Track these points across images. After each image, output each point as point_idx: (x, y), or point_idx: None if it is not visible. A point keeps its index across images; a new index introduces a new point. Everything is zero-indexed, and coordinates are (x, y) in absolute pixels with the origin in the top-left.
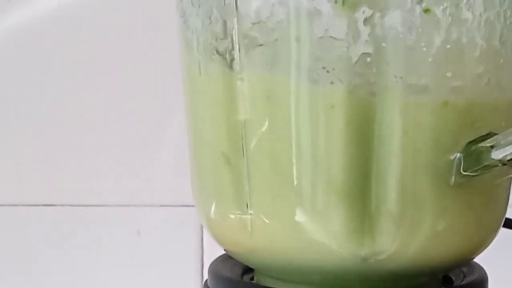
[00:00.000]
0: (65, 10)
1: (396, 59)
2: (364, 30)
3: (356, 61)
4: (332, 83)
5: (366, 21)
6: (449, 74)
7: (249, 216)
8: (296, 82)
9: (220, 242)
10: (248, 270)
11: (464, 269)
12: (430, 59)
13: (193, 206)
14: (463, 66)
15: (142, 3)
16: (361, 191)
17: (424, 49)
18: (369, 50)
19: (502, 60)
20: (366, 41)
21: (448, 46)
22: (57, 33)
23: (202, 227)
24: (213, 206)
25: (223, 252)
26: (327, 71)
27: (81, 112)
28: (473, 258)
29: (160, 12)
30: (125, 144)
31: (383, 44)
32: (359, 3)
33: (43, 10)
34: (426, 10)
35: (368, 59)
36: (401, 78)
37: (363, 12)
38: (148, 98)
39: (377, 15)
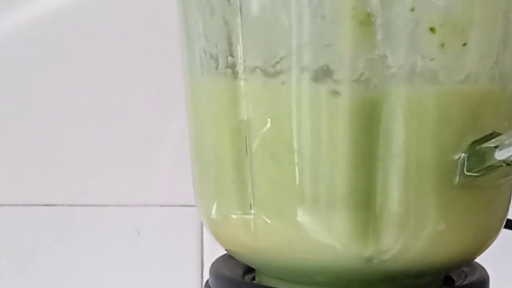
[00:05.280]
0: (65, 10)
1: (401, 49)
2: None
3: (360, 57)
4: (335, 81)
5: (373, 23)
6: (452, 69)
7: (251, 216)
8: (299, 81)
9: (221, 242)
10: (249, 270)
11: (466, 269)
12: (435, 51)
13: (193, 206)
14: (467, 60)
15: (143, 3)
16: (365, 192)
17: (429, 40)
18: (374, 44)
19: (504, 57)
20: (372, 35)
21: (451, 23)
22: (57, 33)
23: (202, 227)
24: (215, 206)
25: (223, 252)
26: (330, 70)
27: (81, 112)
28: (475, 258)
29: (161, 11)
30: (125, 144)
31: (388, 35)
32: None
33: (43, 10)
34: None
35: (372, 54)
36: (405, 71)
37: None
38: (148, 98)
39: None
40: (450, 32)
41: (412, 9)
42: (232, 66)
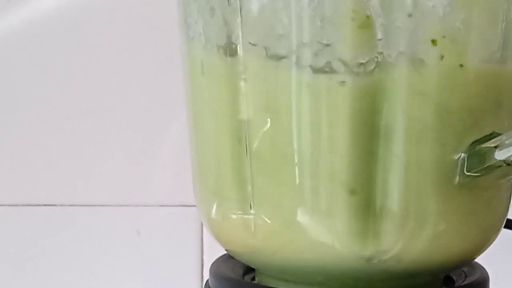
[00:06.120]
0: (65, 10)
1: (400, 53)
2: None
3: (360, 58)
4: (334, 82)
5: (373, 25)
6: (451, 72)
7: (252, 216)
8: (299, 81)
9: (221, 242)
10: (249, 270)
11: (466, 269)
12: (435, 60)
13: (193, 206)
14: (466, 65)
15: (143, 3)
16: (365, 192)
17: (428, 30)
18: (374, 46)
19: (504, 59)
20: (371, 37)
21: (453, 28)
22: (57, 33)
23: (202, 227)
24: (215, 206)
25: (223, 252)
26: (330, 70)
27: (81, 112)
28: (475, 258)
29: (161, 11)
30: (125, 144)
31: (388, 38)
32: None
33: (43, 10)
34: None
35: (372, 55)
36: (405, 73)
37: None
38: (148, 98)
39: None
40: (450, 46)
41: (410, 15)
42: (232, 66)
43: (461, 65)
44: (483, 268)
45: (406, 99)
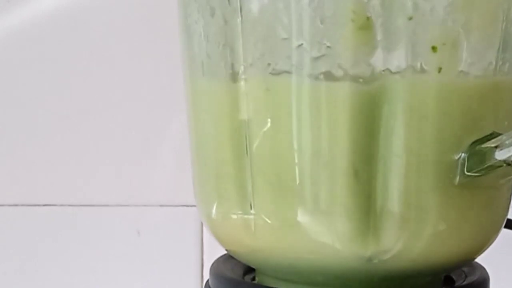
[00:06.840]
0: (65, 10)
1: (400, 54)
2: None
3: (360, 59)
4: (335, 82)
5: (373, 26)
6: (451, 72)
7: (252, 216)
8: (299, 81)
9: (222, 242)
10: (249, 270)
11: (466, 269)
12: (434, 62)
13: (193, 206)
14: (466, 66)
15: (143, 3)
16: (365, 192)
17: (428, 35)
18: (374, 47)
19: (503, 60)
20: (372, 38)
21: (453, 34)
22: (57, 33)
23: (202, 227)
24: (215, 206)
25: (223, 252)
26: (330, 71)
27: (81, 112)
28: (475, 258)
29: (161, 11)
30: (125, 144)
31: (388, 40)
32: None
33: (43, 10)
34: None
35: (372, 56)
36: (405, 73)
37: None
38: (148, 98)
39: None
40: (450, 52)
41: (410, 18)
42: (233, 66)
43: (461, 70)
44: (483, 268)
45: (406, 100)
